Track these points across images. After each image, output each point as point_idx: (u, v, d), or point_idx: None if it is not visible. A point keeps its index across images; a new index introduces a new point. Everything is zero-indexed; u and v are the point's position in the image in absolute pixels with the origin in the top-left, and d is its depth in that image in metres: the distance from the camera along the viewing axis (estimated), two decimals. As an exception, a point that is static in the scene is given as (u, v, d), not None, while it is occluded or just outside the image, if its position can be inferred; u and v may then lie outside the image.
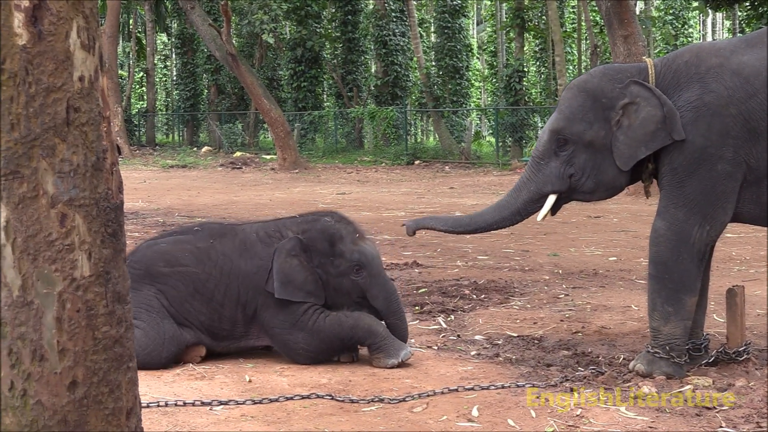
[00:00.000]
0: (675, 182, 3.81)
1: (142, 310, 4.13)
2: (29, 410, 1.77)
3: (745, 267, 6.81)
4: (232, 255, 4.27)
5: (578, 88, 4.04)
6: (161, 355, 4.11)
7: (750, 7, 19.51)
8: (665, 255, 3.81)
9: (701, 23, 40.53)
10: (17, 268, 1.75)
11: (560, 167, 4.01)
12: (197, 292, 4.22)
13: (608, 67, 4.13)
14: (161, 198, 14.15)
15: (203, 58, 35.32)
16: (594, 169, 3.97)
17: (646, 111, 3.84)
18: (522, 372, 4.00)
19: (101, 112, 1.83)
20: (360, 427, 3.28)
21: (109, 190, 1.85)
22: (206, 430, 3.27)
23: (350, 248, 4.22)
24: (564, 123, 3.99)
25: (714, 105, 3.74)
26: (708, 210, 3.76)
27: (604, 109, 3.93)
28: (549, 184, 4.03)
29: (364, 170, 21.55)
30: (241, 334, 4.26)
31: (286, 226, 4.35)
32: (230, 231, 4.41)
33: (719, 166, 3.73)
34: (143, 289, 4.18)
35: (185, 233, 4.50)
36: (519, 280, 6.36)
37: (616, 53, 12.61)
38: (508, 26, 27.53)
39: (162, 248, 4.34)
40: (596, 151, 3.96)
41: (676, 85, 3.86)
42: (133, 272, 4.19)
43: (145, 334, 4.07)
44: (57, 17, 1.75)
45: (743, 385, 3.62)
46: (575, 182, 4.01)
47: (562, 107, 4.05)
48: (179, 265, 4.25)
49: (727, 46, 3.88)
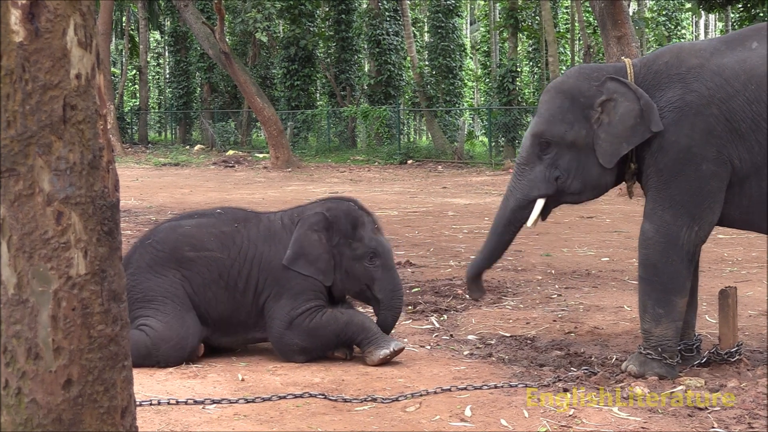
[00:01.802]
0: (661, 184, 3.81)
1: (168, 300, 4.10)
2: (24, 409, 1.76)
3: (737, 268, 6.83)
4: (257, 241, 4.25)
5: (555, 89, 4.03)
6: (185, 349, 4.10)
7: (743, 9, 19.57)
8: (655, 257, 3.81)
9: (694, 24, 40.63)
10: (13, 266, 1.75)
11: (545, 170, 3.98)
12: (221, 278, 4.18)
13: (584, 67, 4.13)
14: (153, 196, 14.12)
15: (196, 56, 35.27)
16: (579, 169, 3.96)
17: (624, 106, 3.83)
18: (515, 372, 4.00)
19: (98, 110, 1.83)
20: (353, 426, 3.28)
21: (106, 188, 1.84)
22: (199, 428, 3.27)
23: (370, 235, 4.27)
24: (545, 126, 3.98)
25: (696, 104, 3.74)
26: (695, 210, 3.76)
27: (583, 108, 3.92)
28: (535, 188, 4.00)
29: (357, 169, 21.54)
30: (252, 325, 4.25)
31: (310, 208, 4.37)
32: (254, 217, 4.40)
33: (704, 165, 3.72)
34: (168, 275, 4.14)
35: (207, 216, 4.43)
36: (512, 280, 6.37)
37: (609, 54, 12.63)
38: (502, 26, 27.56)
39: (187, 231, 4.26)
40: (579, 150, 3.94)
41: (657, 85, 3.86)
42: (157, 254, 4.18)
43: (168, 327, 4.06)
44: (54, 14, 1.75)
45: (735, 386, 3.64)
46: (562, 184, 3.99)
47: (541, 110, 4.03)
48: (205, 250, 4.20)
49: (707, 47, 3.88)
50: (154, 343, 4.02)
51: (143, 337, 4.03)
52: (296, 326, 4.13)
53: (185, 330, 4.08)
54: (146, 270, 4.14)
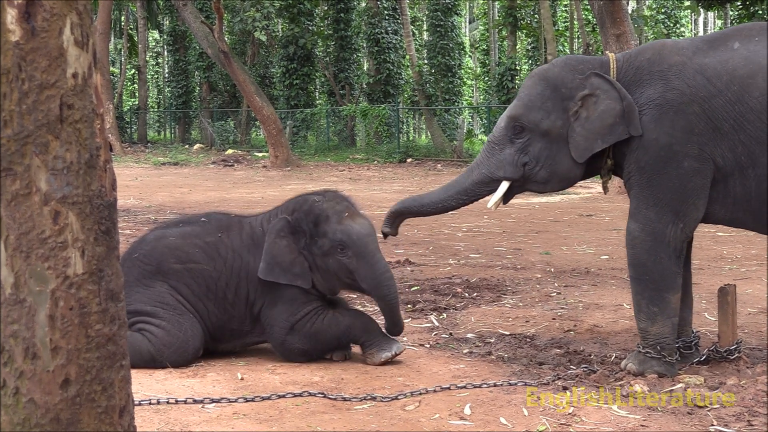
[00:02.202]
0: (644, 182, 3.80)
1: (159, 307, 4.09)
2: (21, 408, 1.76)
3: (736, 266, 6.83)
4: (242, 250, 4.18)
5: (539, 76, 4.02)
6: (188, 352, 4.08)
7: (741, 7, 19.57)
8: (643, 257, 3.81)
9: (693, 22, 40.63)
10: (10, 266, 1.74)
11: (515, 155, 3.98)
12: (209, 291, 4.15)
13: (570, 58, 4.10)
14: (153, 195, 14.12)
15: (195, 56, 35.29)
16: (549, 159, 3.95)
17: (606, 104, 3.83)
18: (514, 370, 4.00)
19: (95, 109, 1.82)
20: (352, 425, 3.28)
21: (103, 188, 1.84)
22: (198, 428, 3.26)
23: (334, 228, 4.08)
24: (522, 110, 3.97)
25: (676, 102, 3.73)
26: (679, 207, 3.75)
27: (562, 99, 3.92)
28: (501, 169, 4.00)
29: (356, 168, 21.55)
30: (247, 332, 4.22)
31: (281, 211, 4.28)
32: (237, 224, 4.31)
33: (686, 162, 3.72)
34: (156, 286, 4.12)
35: (191, 224, 4.38)
36: (511, 278, 6.37)
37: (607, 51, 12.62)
38: (501, 24, 27.58)
39: (172, 243, 4.22)
40: (552, 140, 3.94)
41: (638, 81, 3.86)
42: (144, 269, 4.17)
43: (168, 333, 4.04)
44: (50, 14, 1.74)
45: (735, 383, 3.63)
46: (529, 171, 3.98)
47: (522, 95, 4.02)
48: (191, 262, 4.16)
49: (689, 46, 3.87)
50: (158, 349, 4.01)
51: (146, 343, 4.02)
52: (297, 330, 4.11)
53: (184, 333, 4.07)
54: (135, 284, 4.12)
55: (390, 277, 4.16)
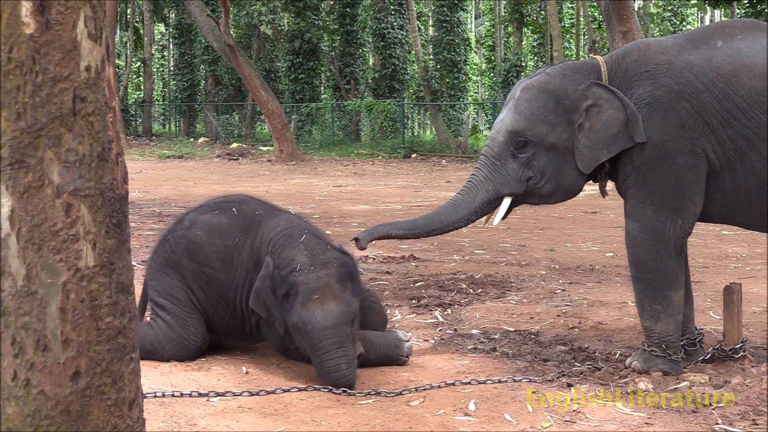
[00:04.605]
0: (639, 181, 3.79)
1: (169, 301, 4.10)
2: (32, 400, 1.77)
3: (741, 264, 6.83)
4: (248, 265, 4.05)
5: (538, 89, 3.91)
6: (188, 348, 4.08)
7: (749, 5, 19.53)
8: (643, 255, 3.81)
9: (699, 20, 40.54)
10: (22, 258, 1.75)
11: (519, 169, 3.91)
12: (221, 298, 4.11)
13: (566, 67, 4.02)
14: (157, 188, 14.14)
15: (201, 49, 35.29)
16: (555, 172, 3.91)
17: (609, 113, 3.81)
18: (519, 367, 4.01)
19: (107, 102, 1.83)
20: (357, 420, 3.29)
21: (114, 181, 1.85)
22: (203, 421, 3.27)
23: (297, 309, 3.75)
24: (525, 124, 3.88)
25: (666, 99, 3.74)
26: (676, 204, 3.75)
27: (566, 111, 3.87)
28: (507, 185, 3.94)
29: (361, 163, 21.55)
30: (258, 334, 4.13)
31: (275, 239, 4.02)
32: (255, 227, 4.11)
33: (680, 158, 3.72)
34: (173, 278, 4.12)
35: (224, 212, 4.18)
36: (516, 274, 6.37)
37: (614, 49, 12.60)
38: (507, 20, 27.55)
39: (197, 239, 4.12)
40: (558, 154, 3.89)
41: (627, 83, 3.85)
42: (169, 255, 4.16)
43: (170, 328, 4.06)
44: (64, 6, 1.75)
45: (739, 382, 3.64)
46: (533, 185, 3.93)
47: (522, 108, 3.91)
48: (209, 267, 4.09)
49: (672, 45, 3.87)
50: (159, 342, 4.04)
51: (150, 332, 4.05)
52: (294, 351, 4.00)
53: (186, 331, 4.07)
54: (158, 269, 4.16)
55: (338, 377, 3.68)
